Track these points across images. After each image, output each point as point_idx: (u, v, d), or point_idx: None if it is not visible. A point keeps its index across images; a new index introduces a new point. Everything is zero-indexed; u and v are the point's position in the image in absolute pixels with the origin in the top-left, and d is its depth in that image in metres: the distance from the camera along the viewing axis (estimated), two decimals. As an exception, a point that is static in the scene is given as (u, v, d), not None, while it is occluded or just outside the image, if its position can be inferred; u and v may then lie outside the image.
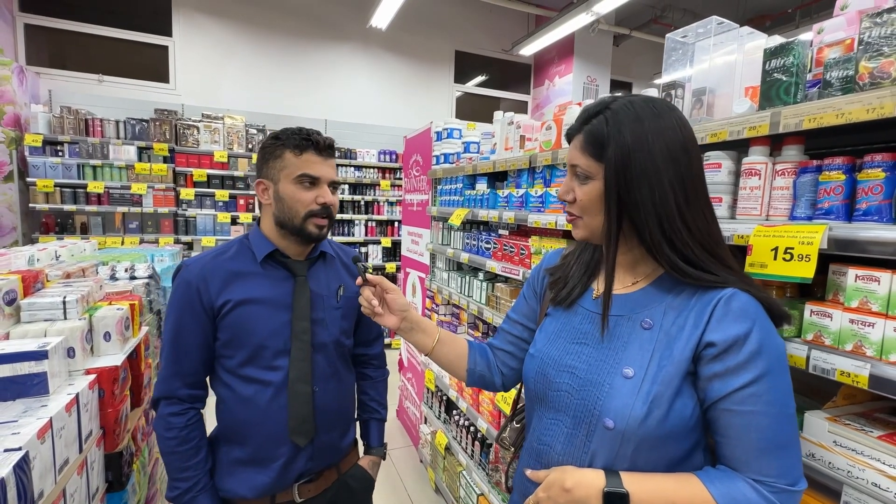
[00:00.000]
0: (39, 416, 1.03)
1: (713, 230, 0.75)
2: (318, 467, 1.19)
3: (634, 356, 0.74)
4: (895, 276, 0.77)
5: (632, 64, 7.05)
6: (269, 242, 1.15)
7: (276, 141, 1.12)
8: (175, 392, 1.10)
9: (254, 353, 1.11)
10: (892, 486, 0.74)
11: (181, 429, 1.09)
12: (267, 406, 1.11)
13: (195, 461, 1.10)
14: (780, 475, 0.66)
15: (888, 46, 0.78)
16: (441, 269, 2.83)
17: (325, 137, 1.13)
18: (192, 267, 1.12)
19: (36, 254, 1.89)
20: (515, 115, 2.08)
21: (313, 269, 1.20)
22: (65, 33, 4.69)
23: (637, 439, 0.71)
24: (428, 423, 2.92)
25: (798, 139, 0.97)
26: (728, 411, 0.69)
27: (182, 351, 1.10)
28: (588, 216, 0.79)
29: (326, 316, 1.19)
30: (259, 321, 1.11)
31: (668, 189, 0.71)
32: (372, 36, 5.75)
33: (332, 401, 1.20)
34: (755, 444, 0.67)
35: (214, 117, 4.77)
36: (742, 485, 0.67)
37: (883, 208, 0.81)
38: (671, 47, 1.23)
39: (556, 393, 0.81)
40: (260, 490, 1.12)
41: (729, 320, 0.69)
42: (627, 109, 0.73)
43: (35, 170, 4.05)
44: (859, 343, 0.80)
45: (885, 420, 0.87)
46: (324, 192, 1.12)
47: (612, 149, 0.72)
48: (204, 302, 1.09)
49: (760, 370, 0.67)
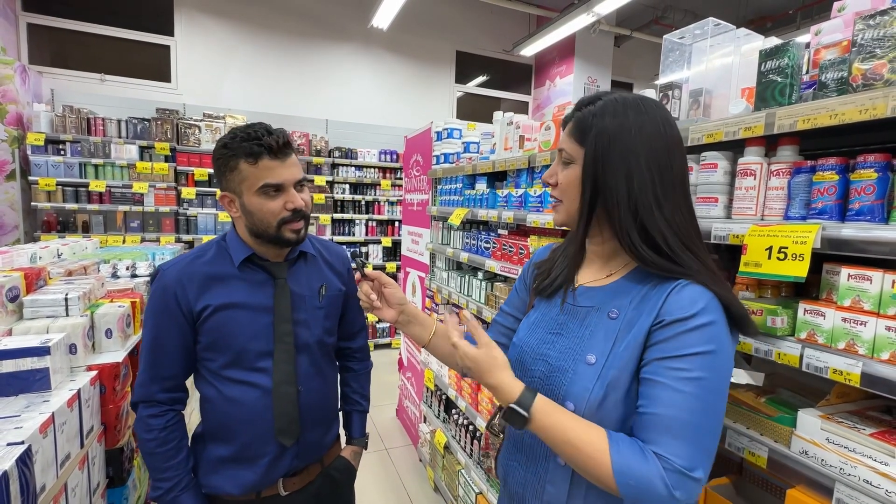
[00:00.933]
0: (42, 411, 1.04)
1: (690, 227, 0.76)
2: (303, 464, 1.20)
3: (598, 344, 0.77)
4: (887, 275, 0.78)
5: (633, 65, 7.05)
6: (245, 247, 1.13)
7: (227, 151, 1.05)
8: (153, 396, 1.10)
9: (237, 356, 1.10)
10: (883, 482, 0.75)
11: (160, 430, 1.08)
12: (253, 407, 1.10)
13: (175, 461, 1.09)
14: (678, 455, 0.65)
15: (881, 48, 0.79)
16: (441, 268, 2.84)
17: (276, 136, 1.05)
18: (169, 272, 1.09)
19: (38, 252, 1.90)
20: (515, 116, 2.09)
21: (293, 270, 1.18)
22: (67, 32, 4.70)
23: (595, 422, 0.72)
24: (427, 422, 2.93)
25: (793, 140, 0.98)
26: (648, 380, 0.69)
27: (160, 356, 1.09)
28: (567, 200, 0.81)
29: (309, 317, 1.18)
30: (240, 325, 1.09)
31: (645, 178, 0.73)
32: (373, 36, 5.76)
33: (317, 399, 1.20)
34: (662, 417, 0.67)
35: (216, 117, 4.79)
36: (639, 449, 0.67)
37: (875, 208, 0.82)
38: (669, 48, 1.24)
39: (530, 380, 0.83)
40: (246, 487, 1.12)
41: (682, 303, 0.70)
42: (616, 102, 0.76)
43: (37, 168, 4.07)
44: (852, 341, 0.81)
45: (878, 418, 0.88)
46: (291, 197, 1.07)
47: (594, 133, 0.75)
48: (182, 307, 1.08)
49: (694, 348, 0.67)
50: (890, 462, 0.76)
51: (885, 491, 0.74)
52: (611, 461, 0.66)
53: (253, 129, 1.04)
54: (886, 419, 0.88)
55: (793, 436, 0.90)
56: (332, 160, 5.27)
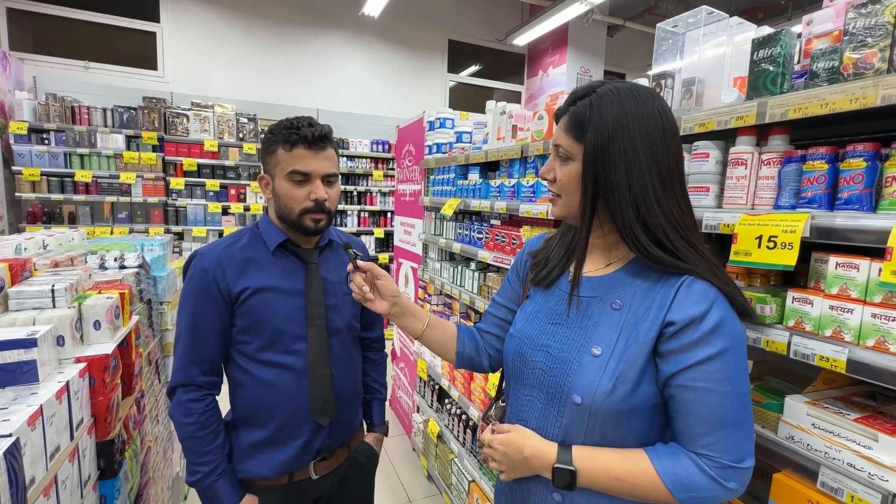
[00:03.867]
0: (30, 403, 1.03)
1: (687, 218, 0.77)
2: (334, 445, 1.24)
3: (603, 335, 0.77)
4: (874, 263, 0.79)
5: (626, 55, 7.03)
6: (280, 232, 1.17)
7: (271, 136, 1.12)
8: (194, 379, 1.12)
9: (272, 338, 1.13)
10: (866, 465, 0.77)
11: (200, 413, 1.11)
12: (288, 388, 1.14)
13: (214, 445, 1.12)
14: (726, 451, 0.69)
15: (872, 37, 0.79)
16: (433, 259, 2.84)
17: (315, 129, 1.10)
18: (208, 255, 1.13)
19: (23, 243, 1.87)
20: (508, 105, 2.08)
21: (323, 257, 1.23)
22: (49, 18, 4.58)
23: (603, 414, 0.74)
24: (420, 411, 2.94)
25: (784, 129, 0.98)
26: (681, 387, 0.71)
27: (200, 338, 1.12)
28: (566, 196, 0.81)
29: (339, 301, 1.22)
30: (276, 307, 1.13)
31: (644, 173, 0.73)
32: (364, 24, 5.68)
33: (348, 381, 1.25)
34: (704, 420, 0.70)
35: (204, 105, 4.71)
36: (686, 461, 0.71)
37: (864, 197, 0.82)
38: (662, 37, 1.23)
39: (531, 371, 0.84)
40: (280, 468, 1.15)
41: (690, 301, 0.72)
42: (612, 94, 0.75)
43: (20, 158, 3.98)
44: (838, 329, 0.83)
45: (862, 403, 0.90)
46: (316, 188, 1.11)
47: (592, 131, 0.74)
48: (221, 289, 1.11)
49: (715, 348, 0.69)
50: (873, 446, 0.77)
51: (867, 474, 0.76)
52: (665, 484, 0.70)
53: (297, 120, 1.11)
54: (870, 404, 0.90)
55: (780, 421, 0.91)
56: (324, 150, 5.22)
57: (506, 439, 0.82)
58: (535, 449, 0.78)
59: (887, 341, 0.76)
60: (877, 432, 0.77)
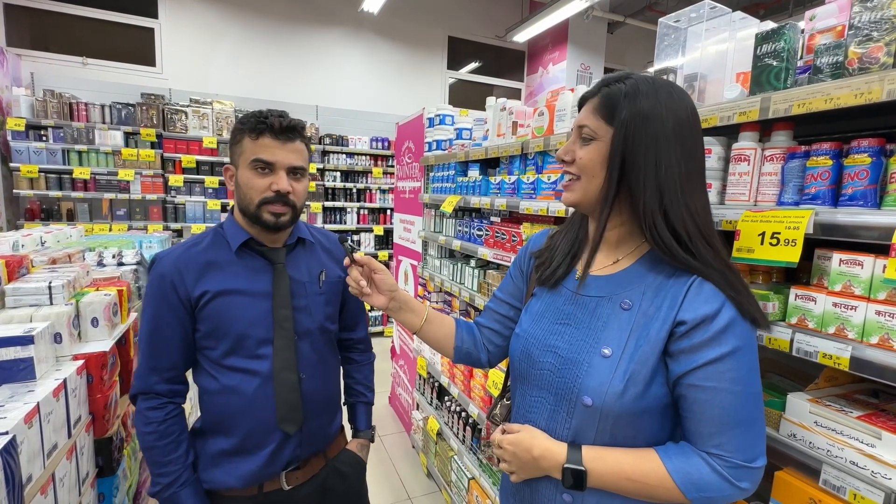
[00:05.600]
0: (26, 401, 1.02)
1: (705, 215, 0.76)
2: (306, 454, 1.18)
3: (613, 336, 0.76)
4: (878, 260, 0.79)
5: (626, 52, 7.01)
6: (243, 231, 1.12)
7: (239, 125, 1.09)
8: (153, 387, 1.08)
9: (236, 343, 1.08)
10: (869, 464, 0.76)
11: (160, 423, 1.07)
12: (254, 395, 1.09)
13: (175, 455, 1.08)
14: (738, 451, 0.69)
15: (877, 31, 0.78)
16: (433, 256, 2.83)
17: (284, 120, 1.06)
18: (166, 260, 1.09)
19: (20, 240, 1.86)
20: (508, 102, 2.07)
21: (292, 256, 1.18)
22: (47, 14, 4.55)
23: (614, 416, 0.73)
24: (420, 409, 2.94)
25: (787, 125, 0.98)
26: (692, 386, 0.71)
27: (160, 345, 1.08)
28: (586, 177, 0.79)
29: (309, 303, 1.17)
30: (239, 311, 1.08)
31: (673, 162, 0.72)
32: (364, 20, 5.65)
33: (320, 387, 1.19)
34: (716, 420, 0.69)
35: (203, 102, 4.69)
36: (697, 460, 0.70)
37: (868, 193, 0.82)
38: (664, 32, 1.22)
39: (539, 372, 0.83)
40: (248, 479, 1.10)
41: (701, 300, 0.71)
42: (647, 83, 0.75)
43: (18, 155, 3.96)
44: (842, 326, 0.82)
45: (865, 401, 0.89)
46: (278, 179, 1.06)
47: (627, 112, 0.73)
48: (180, 294, 1.06)
49: (726, 348, 0.69)
50: (876, 444, 0.77)
51: (870, 472, 0.76)
52: (676, 484, 0.70)
53: (267, 110, 1.08)
54: (873, 402, 0.89)
55: (782, 419, 0.91)
56: (323, 147, 5.20)
57: (515, 439, 0.81)
58: (544, 449, 0.77)
59: (891, 338, 0.75)
60: (880, 430, 0.77)
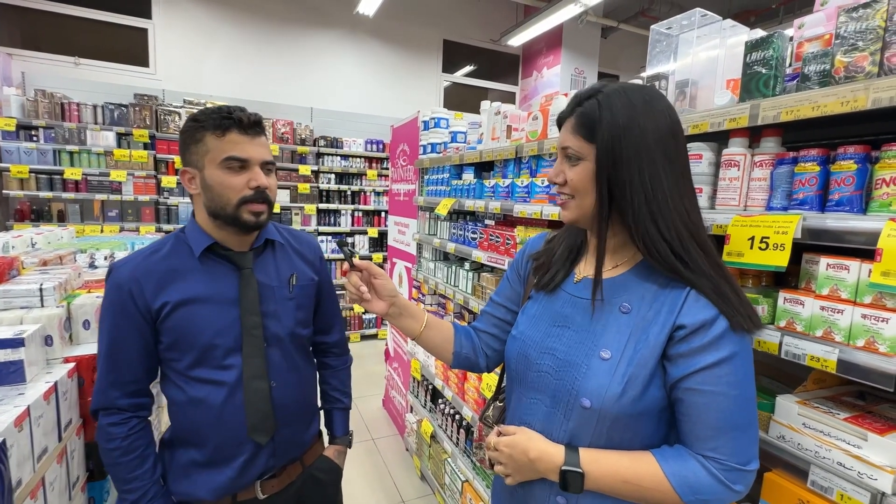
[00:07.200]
0: (16, 404, 1.01)
1: (695, 217, 0.77)
2: (281, 463, 1.15)
3: (612, 339, 0.77)
4: (864, 264, 0.80)
5: (619, 56, 7.07)
6: (206, 235, 1.06)
7: (195, 123, 1.01)
8: (114, 402, 1.03)
9: (202, 353, 1.04)
10: (855, 464, 0.77)
11: (123, 438, 1.02)
12: (223, 406, 1.04)
13: (141, 471, 1.03)
14: (733, 454, 0.70)
15: (863, 41, 0.80)
16: (428, 259, 2.83)
17: (248, 114, 1.02)
18: (123, 269, 1.02)
19: (10, 241, 1.84)
20: (502, 105, 2.08)
21: (260, 260, 1.12)
22: (39, 13, 4.51)
23: (612, 418, 0.74)
24: (414, 411, 2.94)
25: (776, 131, 0.99)
26: (690, 390, 0.72)
27: (120, 360, 1.02)
28: (580, 196, 0.79)
29: (279, 308, 1.12)
30: (204, 320, 1.03)
31: (658, 170, 0.73)
32: (359, 23, 5.66)
33: (292, 394, 1.15)
34: (713, 423, 0.70)
35: (196, 103, 4.66)
36: (693, 463, 0.71)
37: (854, 199, 0.83)
38: (656, 39, 1.24)
39: (536, 374, 0.83)
40: (219, 491, 1.07)
41: (700, 306, 0.72)
42: (619, 94, 0.75)
43: (8, 155, 3.92)
44: (829, 329, 0.83)
45: (852, 403, 0.91)
46: (256, 175, 1.02)
47: (604, 129, 0.74)
48: (139, 306, 1.00)
49: (724, 353, 0.70)
50: (862, 445, 0.78)
51: (857, 473, 0.77)
52: (673, 486, 0.70)
53: (225, 106, 1.02)
54: (860, 404, 0.91)
55: (771, 421, 0.92)
56: (318, 149, 5.19)
57: (511, 441, 0.81)
58: (541, 451, 0.77)
59: (877, 342, 0.76)
60: (866, 431, 0.78)
